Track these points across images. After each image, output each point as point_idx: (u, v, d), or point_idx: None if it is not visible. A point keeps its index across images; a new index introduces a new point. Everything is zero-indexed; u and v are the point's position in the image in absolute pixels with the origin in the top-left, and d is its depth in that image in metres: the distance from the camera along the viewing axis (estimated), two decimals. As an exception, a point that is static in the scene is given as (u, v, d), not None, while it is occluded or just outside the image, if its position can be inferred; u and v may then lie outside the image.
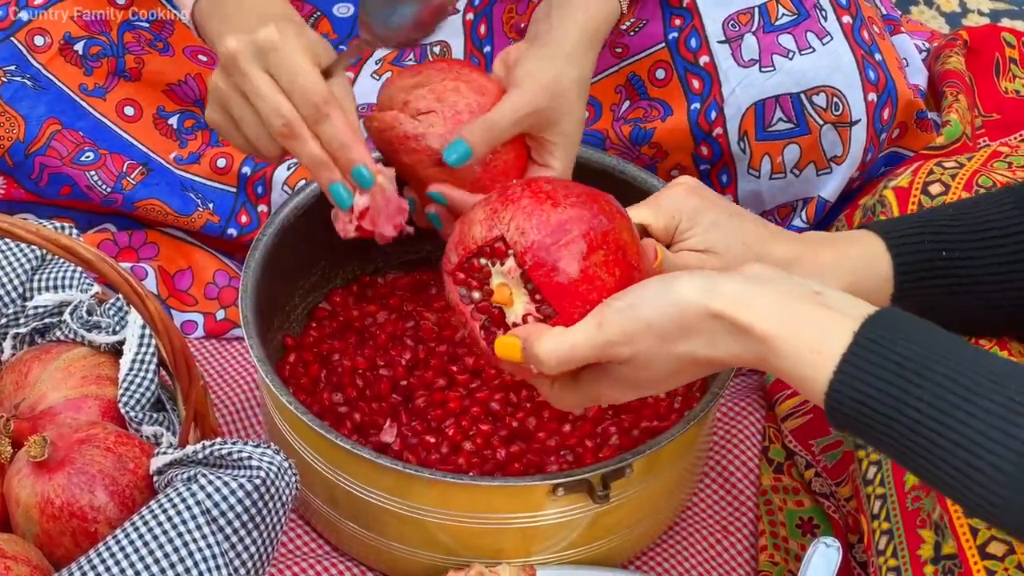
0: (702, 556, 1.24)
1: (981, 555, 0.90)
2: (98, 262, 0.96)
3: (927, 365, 0.81)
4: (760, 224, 1.04)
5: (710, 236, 1.01)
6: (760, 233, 1.03)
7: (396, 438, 1.22)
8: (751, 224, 1.03)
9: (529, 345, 0.91)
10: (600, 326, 0.88)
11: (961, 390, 0.79)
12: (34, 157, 1.43)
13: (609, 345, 0.88)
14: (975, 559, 0.90)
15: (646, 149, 1.38)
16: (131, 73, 1.48)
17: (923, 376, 0.80)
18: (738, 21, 1.36)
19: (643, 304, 0.87)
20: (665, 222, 1.02)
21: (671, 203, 1.02)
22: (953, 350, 0.82)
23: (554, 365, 0.90)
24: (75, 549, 1.01)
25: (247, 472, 0.97)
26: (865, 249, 1.03)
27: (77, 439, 1.03)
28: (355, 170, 1.07)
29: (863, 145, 1.36)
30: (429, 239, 1.40)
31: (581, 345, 0.89)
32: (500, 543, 1.12)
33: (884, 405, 0.80)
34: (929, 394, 0.80)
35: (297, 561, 1.20)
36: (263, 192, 1.45)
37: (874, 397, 0.80)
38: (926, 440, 0.79)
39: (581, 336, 0.89)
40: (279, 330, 1.32)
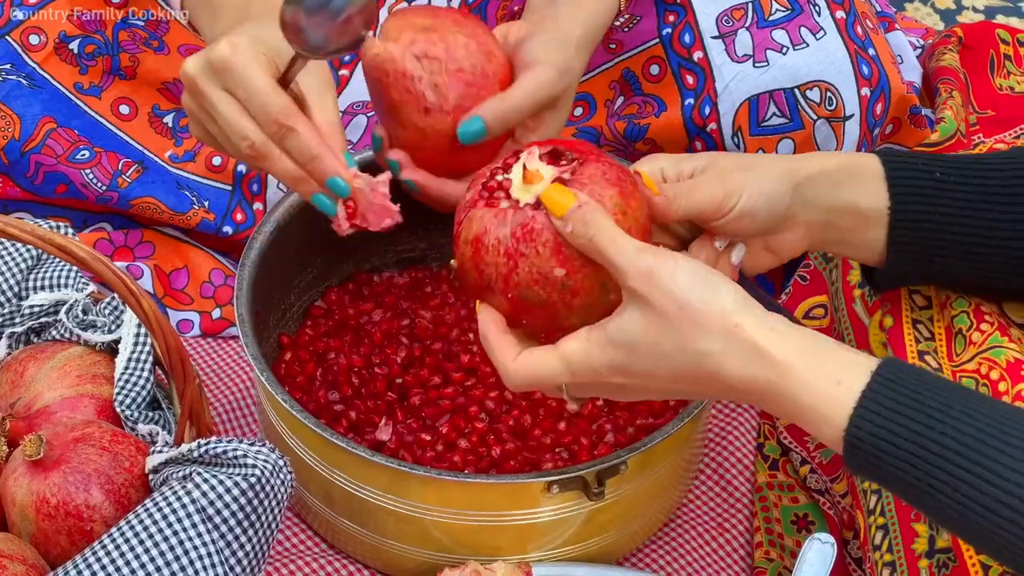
0: (697, 553, 1.24)
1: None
2: (93, 261, 0.96)
3: (948, 402, 0.79)
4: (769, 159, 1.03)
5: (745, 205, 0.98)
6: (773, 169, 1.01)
7: (392, 436, 1.22)
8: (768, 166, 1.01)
9: (586, 210, 0.89)
10: (642, 249, 0.86)
11: (986, 424, 0.77)
12: (29, 155, 1.43)
13: (635, 268, 0.86)
14: (970, 551, 0.90)
15: (640, 145, 1.38)
16: (126, 72, 1.48)
17: (945, 412, 0.78)
18: (732, 16, 1.36)
19: (682, 268, 0.85)
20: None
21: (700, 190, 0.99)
22: (970, 392, 0.80)
23: (588, 238, 0.88)
24: (71, 548, 1.01)
25: (242, 470, 0.97)
26: (861, 159, 1.02)
27: (73, 438, 1.03)
28: (329, 181, 1.04)
29: (856, 140, 1.36)
30: (424, 237, 1.41)
31: (620, 246, 0.87)
32: (496, 540, 1.12)
33: (906, 440, 0.78)
34: (953, 428, 0.77)
35: (293, 559, 1.20)
36: (258, 190, 1.45)
37: (895, 432, 0.78)
38: (951, 476, 0.77)
39: (627, 242, 0.87)
40: (275, 328, 1.32)
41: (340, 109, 1.49)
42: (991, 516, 0.76)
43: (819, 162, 1.02)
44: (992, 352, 1.01)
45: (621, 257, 0.87)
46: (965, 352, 1.03)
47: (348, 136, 1.49)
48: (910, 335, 1.06)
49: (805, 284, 1.36)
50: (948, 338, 1.05)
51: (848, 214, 1.01)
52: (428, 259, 1.42)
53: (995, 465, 0.76)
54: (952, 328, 1.05)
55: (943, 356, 1.05)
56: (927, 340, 1.06)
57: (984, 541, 0.78)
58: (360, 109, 1.49)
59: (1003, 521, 0.75)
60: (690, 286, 0.85)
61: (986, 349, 1.01)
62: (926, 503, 0.79)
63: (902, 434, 0.78)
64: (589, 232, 0.88)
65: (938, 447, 0.77)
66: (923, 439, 0.78)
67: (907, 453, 0.78)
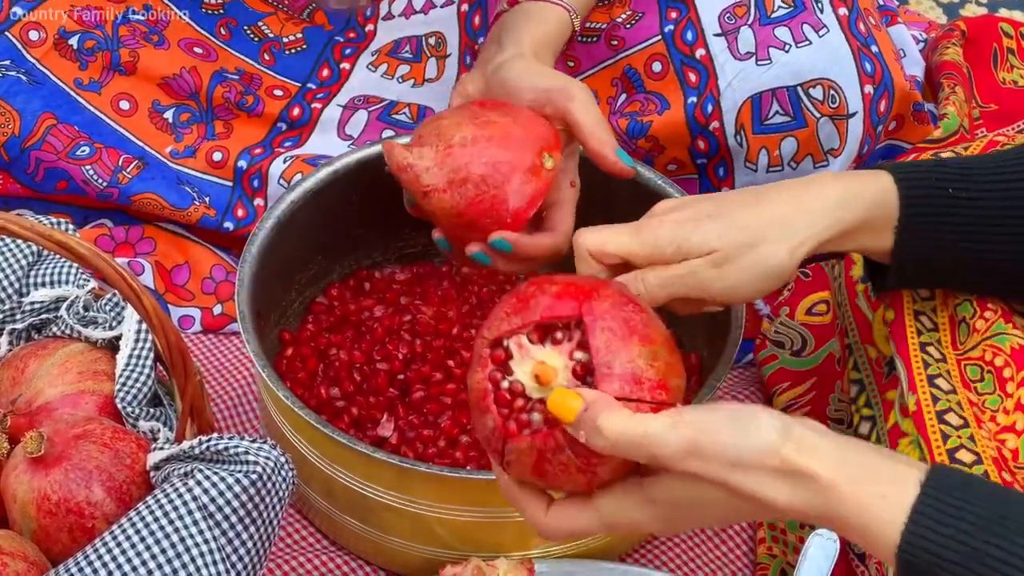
0: (700, 549, 1.24)
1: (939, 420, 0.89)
2: (94, 258, 0.96)
3: (1002, 512, 0.77)
4: (745, 193, 1.00)
5: (700, 239, 0.96)
6: (746, 199, 0.99)
7: (393, 432, 1.21)
8: (735, 200, 0.99)
9: (594, 412, 0.81)
10: (674, 427, 0.81)
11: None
12: (30, 152, 1.43)
13: (678, 451, 0.81)
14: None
15: (643, 143, 1.38)
16: (126, 67, 1.47)
17: (1001, 524, 0.76)
18: (734, 14, 1.36)
19: (718, 427, 0.81)
20: (648, 252, 0.97)
21: (649, 235, 0.97)
22: (1021, 496, 0.79)
23: (611, 442, 0.81)
24: (72, 545, 1.01)
25: (244, 467, 0.97)
26: (877, 183, 0.99)
27: (74, 435, 1.03)
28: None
29: (860, 137, 1.36)
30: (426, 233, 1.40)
31: (653, 436, 0.80)
32: (498, 537, 1.12)
33: (962, 555, 0.76)
34: (1008, 542, 0.76)
35: (295, 555, 1.20)
36: (259, 186, 1.45)
37: (950, 547, 0.76)
38: None
39: (656, 427, 0.81)
40: (276, 324, 1.32)
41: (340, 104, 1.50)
42: None
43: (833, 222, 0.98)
44: (997, 339, 1.01)
45: (659, 449, 0.81)
46: (969, 340, 1.03)
47: (348, 132, 1.49)
48: (912, 327, 1.06)
49: (807, 280, 1.36)
50: (952, 327, 1.05)
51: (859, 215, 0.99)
52: (429, 255, 1.42)
53: None
54: (955, 316, 1.05)
55: (947, 345, 1.04)
56: (930, 331, 1.05)
57: None
58: (361, 104, 1.49)
59: None
60: (734, 442, 0.81)
61: (990, 336, 1.01)
62: None
63: (958, 549, 0.76)
64: (608, 436, 0.81)
65: (996, 561, 0.75)
66: (980, 554, 0.75)
67: (963, 568, 0.76)
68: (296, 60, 1.53)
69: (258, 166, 1.45)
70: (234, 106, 1.49)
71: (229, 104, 1.49)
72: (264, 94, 1.50)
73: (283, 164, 1.44)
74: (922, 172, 1.00)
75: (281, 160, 1.44)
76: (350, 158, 1.29)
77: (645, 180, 1.29)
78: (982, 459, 0.96)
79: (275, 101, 1.50)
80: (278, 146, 1.49)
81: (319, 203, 1.28)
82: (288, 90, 1.51)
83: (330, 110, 1.50)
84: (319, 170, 1.28)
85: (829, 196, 0.98)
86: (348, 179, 1.29)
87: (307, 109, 1.50)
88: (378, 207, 1.28)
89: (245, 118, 1.50)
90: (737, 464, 0.80)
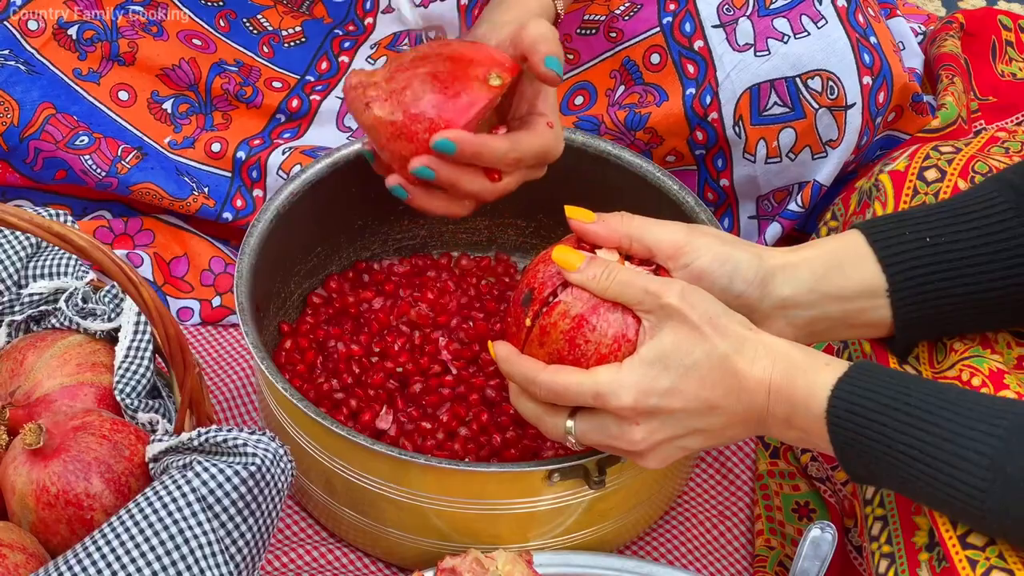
0: (699, 541, 1.24)
1: (962, 544, 0.90)
2: (92, 250, 0.96)
3: (911, 382, 0.91)
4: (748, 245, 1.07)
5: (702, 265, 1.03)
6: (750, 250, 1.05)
7: (392, 424, 1.22)
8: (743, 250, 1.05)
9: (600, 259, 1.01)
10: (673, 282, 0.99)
11: (942, 400, 0.89)
12: (28, 141, 1.42)
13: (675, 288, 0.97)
14: (953, 541, 0.91)
15: (641, 134, 1.38)
16: (125, 57, 1.47)
17: (909, 387, 0.91)
18: (732, 5, 1.36)
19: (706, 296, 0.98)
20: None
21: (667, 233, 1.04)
22: (927, 380, 0.93)
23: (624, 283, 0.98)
24: (71, 536, 1.01)
25: (243, 459, 0.97)
26: (845, 242, 1.04)
27: (73, 427, 1.03)
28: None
29: (858, 129, 1.36)
30: (424, 225, 1.40)
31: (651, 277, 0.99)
32: (496, 529, 1.12)
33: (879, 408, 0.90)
34: (916, 399, 0.89)
35: (294, 547, 1.20)
36: (258, 177, 1.45)
37: (871, 399, 0.90)
38: (917, 440, 0.88)
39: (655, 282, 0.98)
40: (275, 316, 1.32)
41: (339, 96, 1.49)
42: (949, 469, 0.86)
43: (794, 254, 1.05)
44: (974, 360, 1.01)
45: (651, 283, 0.98)
46: (946, 360, 1.03)
47: (347, 123, 1.49)
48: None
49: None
50: (929, 348, 1.06)
51: (833, 303, 1.03)
52: (428, 247, 1.42)
53: (952, 424, 0.87)
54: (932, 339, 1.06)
55: (924, 363, 1.05)
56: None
57: (945, 493, 0.87)
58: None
59: (957, 472, 0.86)
60: (713, 304, 0.98)
61: (968, 357, 1.02)
62: (896, 469, 0.89)
63: (877, 400, 0.90)
64: (610, 276, 0.99)
65: (905, 415, 0.89)
66: (892, 410, 0.89)
67: (878, 424, 0.89)
68: (295, 53, 1.53)
69: (257, 157, 1.45)
70: (233, 97, 1.49)
71: (228, 95, 1.49)
72: (263, 86, 1.50)
73: (282, 155, 1.44)
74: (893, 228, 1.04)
75: (280, 151, 1.44)
76: (349, 150, 1.29)
77: (644, 173, 1.29)
78: None
79: (274, 93, 1.50)
80: (277, 137, 1.49)
81: (318, 195, 1.28)
82: (287, 82, 1.51)
83: (329, 102, 1.49)
84: (318, 162, 1.28)
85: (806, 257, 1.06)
86: (347, 171, 1.29)
87: (306, 101, 1.50)
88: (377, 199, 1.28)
89: (244, 109, 1.50)
90: (715, 318, 0.96)
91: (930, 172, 1.14)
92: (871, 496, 1.01)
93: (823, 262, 1.03)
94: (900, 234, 1.02)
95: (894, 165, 1.17)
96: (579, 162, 1.30)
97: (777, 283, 1.03)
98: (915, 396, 0.89)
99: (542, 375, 0.99)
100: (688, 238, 1.02)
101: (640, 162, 1.29)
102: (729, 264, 1.01)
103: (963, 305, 1.01)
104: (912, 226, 1.03)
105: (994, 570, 0.87)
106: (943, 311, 1.02)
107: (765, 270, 1.02)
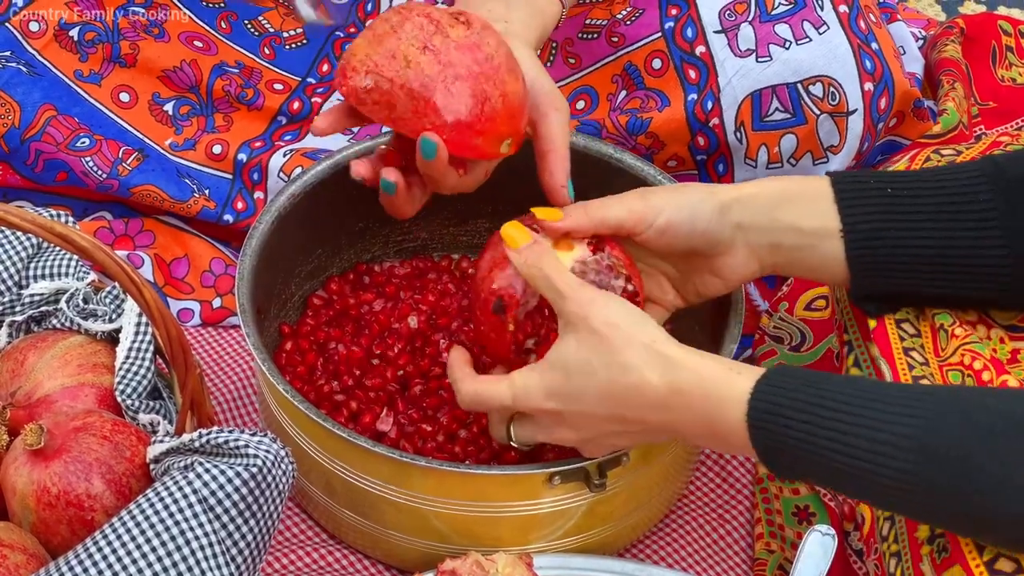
0: (698, 544, 1.24)
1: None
2: (94, 250, 0.96)
3: (828, 378, 0.93)
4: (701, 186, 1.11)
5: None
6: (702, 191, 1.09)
7: (392, 426, 1.22)
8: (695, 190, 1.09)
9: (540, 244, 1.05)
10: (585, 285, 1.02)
11: (859, 391, 0.91)
12: (30, 143, 1.43)
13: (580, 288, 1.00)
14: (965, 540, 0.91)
15: (642, 139, 1.38)
16: (126, 59, 1.47)
17: (826, 384, 0.92)
18: (734, 11, 1.36)
19: (617, 305, 1.00)
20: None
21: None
22: (841, 375, 0.95)
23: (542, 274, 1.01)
24: (72, 537, 1.01)
25: (244, 460, 0.97)
26: (807, 181, 1.08)
27: (73, 427, 1.03)
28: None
29: (860, 135, 1.36)
30: (425, 227, 1.40)
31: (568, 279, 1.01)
32: (497, 531, 1.12)
33: (799, 407, 0.91)
34: (835, 395, 0.91)
35: (294, 549, 1.20)
36: (259, 179, 1.45)
37: (791, 398, 0.91)
38: (839, 433, 0.89)
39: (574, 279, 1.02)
40: (275, 318, 1.32)
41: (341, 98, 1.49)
42: (872, 455, 0.87)
43: (752, 186, 1.09)
44: (975, 345, 1.02)
45: (565, 286, 1.00)
46: (949, 345, 1.04)
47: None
48: (894, 334, 1.07)
49: (806, 276, 1.36)
50: (933, 334, 1.06)
51: (789, 233, 1.06)
52: (429, 249, 1.42)
53: (872, 412, 0.88)
54: (935, 324, 1.06)
55: (929, 351, 1.05)
56: (912, 337, 1.06)
57: (869, 481, 0.88)
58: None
59: (880, 456, 0.87)
60: (621, 315, 0.99)
61: (969, 343, 1.02)
62: (823, 467, 0.90)
63: (796, 398, 0.91)
64: (541, 264, 1.02)
65: (826, 410, 0.90)
66: (812, 406, 0.90)
67: (798, 423, 0.91)
68: (296, 55, 1.53)
69: (258, 159, 1.45)
70: (234, 99, 1.49)
71: (229, 97, 1.49)
72: (264, 88, 1.50)
73: (283, 157, 1.44)
74: (859, 177, 1.07)
75: (281, 153, 1.44)
76: (350, 152, 1.29)
77: (645, 176, 1.29)
78: None
79: (275, 95, 1.50)
80: (278, 139, 1.49)
81: (319, 197, 1.28)
82: (288, 84, 1.51)
83: (330, 104, 1.49)
84: (319, 164, 1.28)
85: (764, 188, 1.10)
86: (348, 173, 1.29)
87: (307, 103, 1.50)
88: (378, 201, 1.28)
89: (245, 111, 1.50)
90: (615, 327, 0.98)
91: None
92: None
93: (778, 192, 1.08)
94: (864, 182, 1.06)
95: (894, 168, 1.18)
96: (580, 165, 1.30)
97: (734, 212, 1.07)
98: (833, 391, 0.91)
99: (464, 384, 1.05)
100: (644, 202, 1.07)
101: (641, 165, 1.30)
102: (686, 208, 1.06)
103: (920, 261, 1.03)
104: (879, 178, 1.06)
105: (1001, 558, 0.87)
106: (899, 262, 1.04)
107: (721, 202, 1.07)
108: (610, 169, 1.30)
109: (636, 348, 0.97)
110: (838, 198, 1.05)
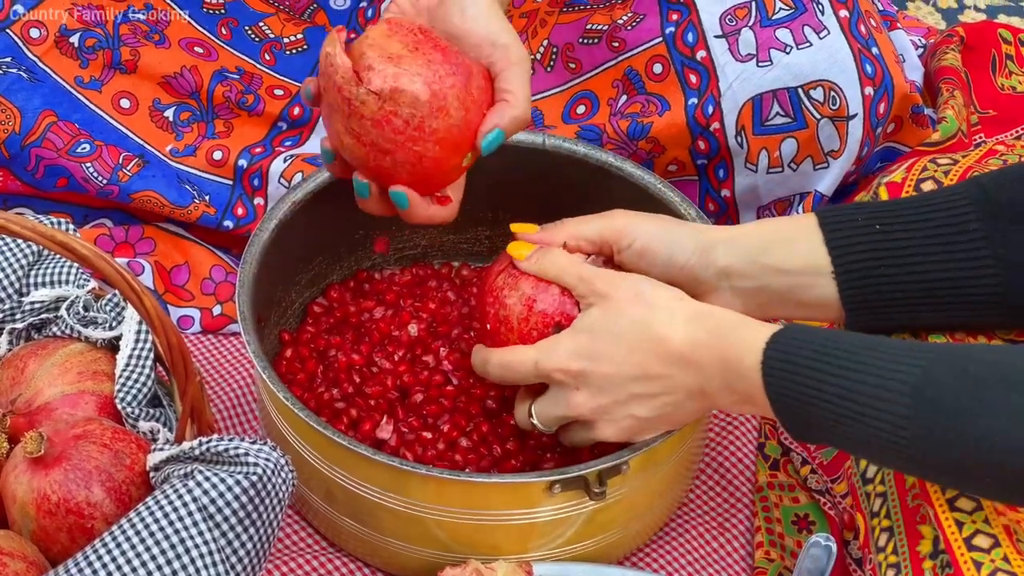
0: (698, 553, 1.24)
1: (968, 547, 0.90)
2: (94, 258, 0.96)
3: (839, 333, 0.96)
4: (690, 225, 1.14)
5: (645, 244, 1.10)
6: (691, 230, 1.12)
7: (393, 434, 1.21)
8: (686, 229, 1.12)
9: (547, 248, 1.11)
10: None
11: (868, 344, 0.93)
12: (30, 149, 1.43)
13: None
14: (961, 551, 0.91)
15: (643, 144, 1.38)
16: (127, 65, 1.47)
17: (838, 339, 0.94)
18: (735, 15, 1.36)
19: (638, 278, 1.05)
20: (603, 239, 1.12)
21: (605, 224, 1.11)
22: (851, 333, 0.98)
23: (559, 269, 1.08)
24: (72, 545, 1.01)
25: (244, 468, 0.97)
26: (794, 221, 1.09)
27: (73, 435, 1.03)
28: None
29: (860, 139, 1.36)
30: (425, 235, 1.40)
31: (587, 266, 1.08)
32: (496, 539, 1.12)
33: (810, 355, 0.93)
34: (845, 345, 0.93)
35: (294, 557, 1.20)
36: (259, 185, 1.45)
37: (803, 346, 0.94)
38: (844, 379, 0.91)
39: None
40: (276, 325, 1.32)
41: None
42: (874, 401, 0.89)
43: (741, 228, 1.11)
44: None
45: (587, 270, 1.06)
46: None
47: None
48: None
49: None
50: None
51: (775, 276, 1.08)
52: (429, 256, 1.42)
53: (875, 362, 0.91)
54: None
55: None
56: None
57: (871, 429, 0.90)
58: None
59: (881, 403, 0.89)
60: (645, 282, 1.04)
61: None
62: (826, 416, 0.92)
63: (809, 348, 0.94)
64: (555, 258, 1.08)
65: (834, 359, 0.92)
66: (822, 355, 0.93)
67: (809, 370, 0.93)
68: (297, 60, 1.53)
69: (258, 165, 1.45)
70: (235, 105, 1.49)
71: (230, 103, 1.49)
72: (265, 93, 1.50)
73: (283, 163, 1.44)
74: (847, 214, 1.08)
75: (281, 159, 1.44)
76: (351, 159, 1.29)
77: (645, 184, 1.29)
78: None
79: (276, 101, 1.50)
80: (278, 145, 1.49)
81: (320, 204, 1.28)
82: (289, 90, 1.51)
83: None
84: (320, 170, 1.28)
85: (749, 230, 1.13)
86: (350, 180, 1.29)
87: (308, 109, 1.50)
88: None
89: (246, 117, 1.50)
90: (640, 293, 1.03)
91: (927, 183, 1.15)
92: (877, 508, 1.02)
93: (766, 235, 1.09)
94: (852, 219, 1.06)
95: (891, 177, 1.18)
96: (581, 174, 1.30)
97: (718, 253, 1.08)
98: (844, 342, 0.93)
99: (493, 355, 1.09)
100: (627, 221, 1.10)
101: (642, 174, 1.29)
102: (668, 238, 1.09)
103: (912, 294, 1.04)
104: (867, 213, 1.06)
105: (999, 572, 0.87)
106: (893, 298, 1.04)
107: (705, 242, 1.09)
108: (611, 177, 1.30)
109: (661, 305, 1.02)
110: (827, 239, 1.06)
